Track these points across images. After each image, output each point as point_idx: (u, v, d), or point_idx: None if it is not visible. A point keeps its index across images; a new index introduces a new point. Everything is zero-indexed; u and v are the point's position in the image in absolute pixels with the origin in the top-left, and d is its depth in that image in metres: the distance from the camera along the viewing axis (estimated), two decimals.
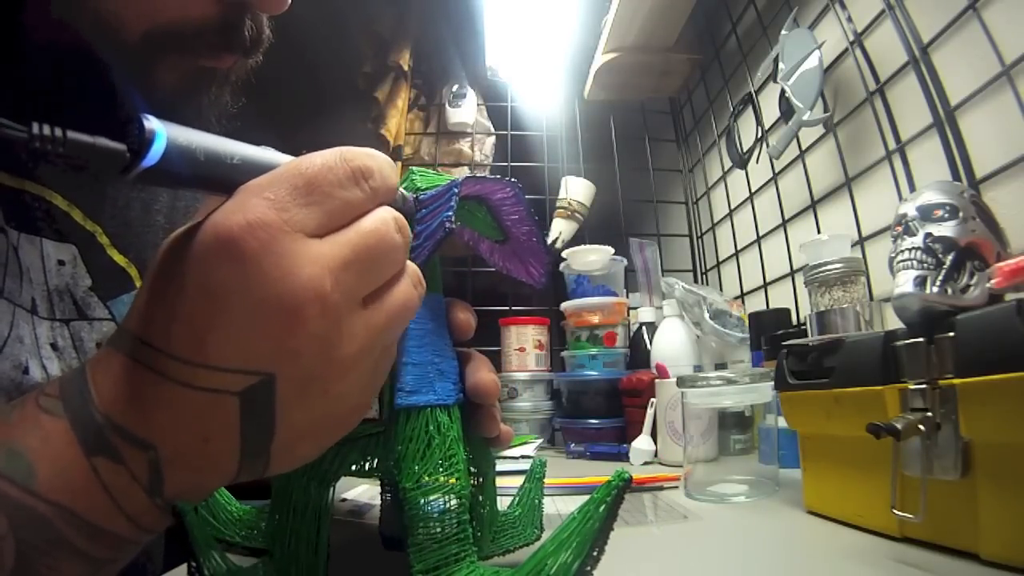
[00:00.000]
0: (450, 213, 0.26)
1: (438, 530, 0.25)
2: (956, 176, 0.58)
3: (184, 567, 0.34)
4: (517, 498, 0.39)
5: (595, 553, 0.21)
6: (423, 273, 0.29)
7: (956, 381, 0.32)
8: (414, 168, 0.32)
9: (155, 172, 0.19)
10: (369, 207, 0.22)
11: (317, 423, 0.21)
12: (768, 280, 0.98)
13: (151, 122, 0.19)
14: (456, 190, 0.27)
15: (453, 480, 0.26)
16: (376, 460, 0.27)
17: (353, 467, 0.27)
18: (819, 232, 0.82)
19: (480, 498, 0.31)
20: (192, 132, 0.20)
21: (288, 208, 0.19)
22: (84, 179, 0.35)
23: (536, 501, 0.38)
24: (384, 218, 0.22)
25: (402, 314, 0.22)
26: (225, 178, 0.21)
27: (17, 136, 0.17)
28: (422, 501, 0.25)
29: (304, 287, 0.19)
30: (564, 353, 1.04)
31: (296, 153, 0.22)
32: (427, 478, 0.26)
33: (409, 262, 0.23)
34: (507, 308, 1.23)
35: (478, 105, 1.35)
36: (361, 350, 0.21)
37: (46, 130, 0.17)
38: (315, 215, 0.20)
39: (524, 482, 0.40)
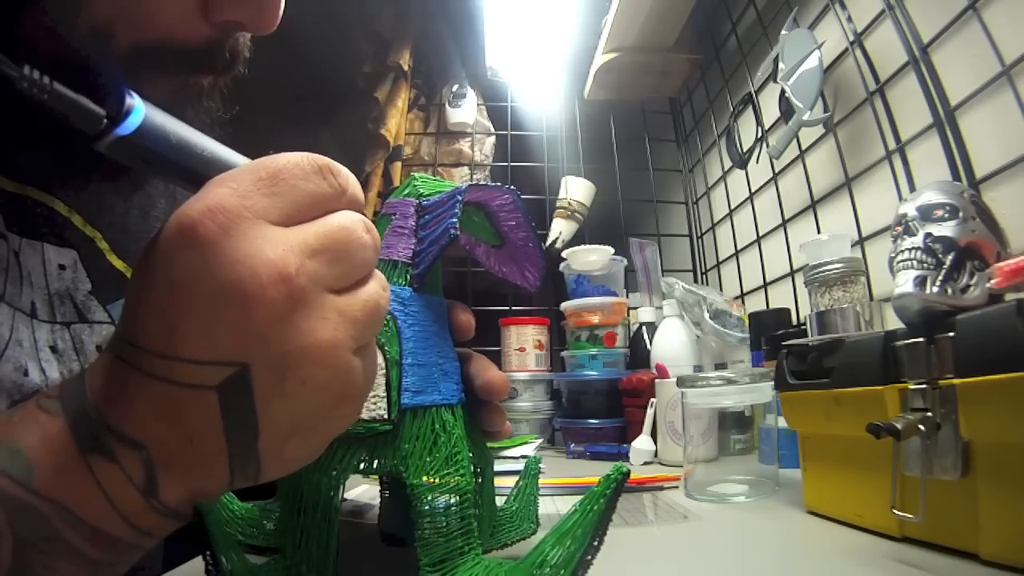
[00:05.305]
0: (455, 220, 0.27)
1: (444, 525, 0.26)
2: (956, 176, 0.58)
3: (184, 567, 0.34)
4: (513, 494, 0.39)
5: (595, 543, 0.22)
6: (426, 277, 0.29)
7: (956, 381, 0.32)
8: (416, 174, 0.33)
9: (127, 145, 0.20)
10: (338, 205, 0.22)
11: (302, 418, 0.21)
12: (768, 280, 0.98)
13: (133, 97, 0.20)
14: (460, 197, 0.28)
15: (458, 477, 0.27)
16: (383, 458, 0.27)
17: (361, 465, 0.27)
18: (819, 232, 0.83)
19: (480, 495, 0.32)
20: (169, 118, 0.21)
21: (250, 196, 0.19)
22: (83, 182, 0.35)
23: (532, 496, 0.39)
24: (354, 217, 0.22)
25: (377, 312, 0.22)
26: (194, 169, 0.21)
27: (8, 73, 0.17)
28: (428, 497, 0.26)
29: (266, 268, 0.19)
30: (564, 353, 1.04)
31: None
32: (433, 475, 0.26)
33: (377, 271, 0.23)
34: (507, 308, 1.23)
35: (478, 105, 1.35)
36: (337, 336, 0.20)
37: (35, 75, 0.18)
38: (279, 204, 0.20)
39: (520, 478, 0.41)
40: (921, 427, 0.33)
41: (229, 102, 0.37)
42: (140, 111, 0.19)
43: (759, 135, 0.94)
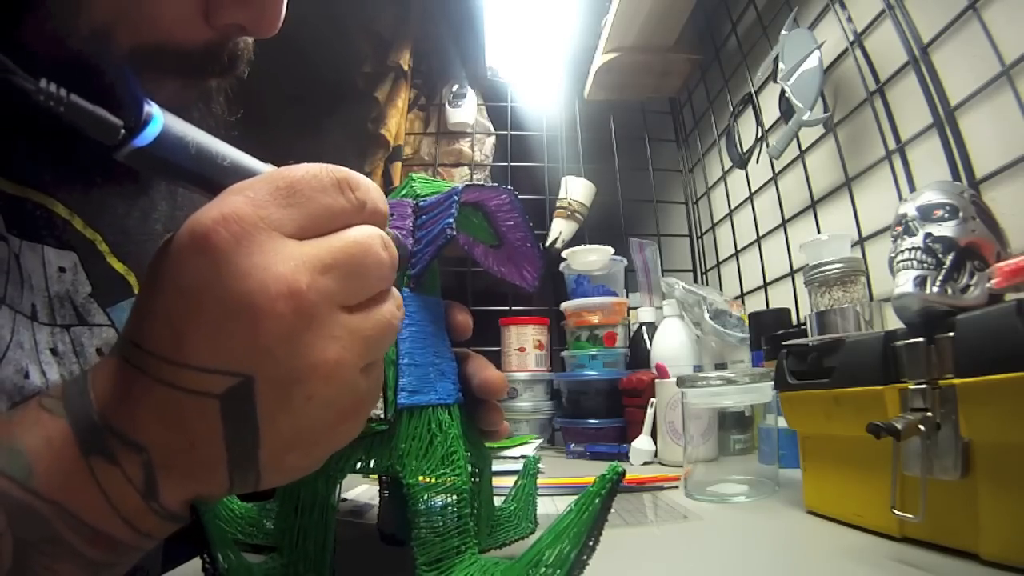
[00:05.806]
0: (451, 220, 0.27)
1: (440, 524, 0.26)
2: (956, 176, 0.58)
3: (184, 567, 0.34)
4: (512, 493, 0.39)
5: (591, 543, 0.22)
6: (423, 277, 0.29)
7: (956, 381, 0.32)
8: (413, 175, 0.33)
9: (145, 155, 0.19)
10: (356, 220, 0.21)
11: (305, 432, 0.21)
12: (768, 280, 0.98)
13: (151, 106, 0.19)
14: (457, 198, 0.28)
15: (454, 477, 0.27)
16: (379, 458, 0.27)
17: (358, 465, 0.27)
18: (819, 232, 0.82)
19: (478, 494, 0.32)
20: (188, 126, 0.20)
21: (266, 206, 0.19)
22: (85, 185, 0.35)
23: (530, 496, 0.39)
24: (371, 232, 0.21)
25: (388, 331, 0.22)
26: (213, 178, 0.21)
27: (26, 87, 0.17)
28: (425, 497, 0.26)
29: (276, 282, 0.19)
30: (564, 353, 1.04)
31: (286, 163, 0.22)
32: (429, 475, 0.26)
33: (393, 289, 0.23)
34: (507, 308, 1.23)
35: (478, 105, 1.34)
36: (345, 355, 0.20)
37: (52, 87, 0.17)
38: (294, 216, 0.20)
39: (518, 478, 0.41)
40: (921, 427, 0.33)
41: (234, 104, 0.37)
42: (159, 121, 0.19)
43: (759, 135, 0.94)
